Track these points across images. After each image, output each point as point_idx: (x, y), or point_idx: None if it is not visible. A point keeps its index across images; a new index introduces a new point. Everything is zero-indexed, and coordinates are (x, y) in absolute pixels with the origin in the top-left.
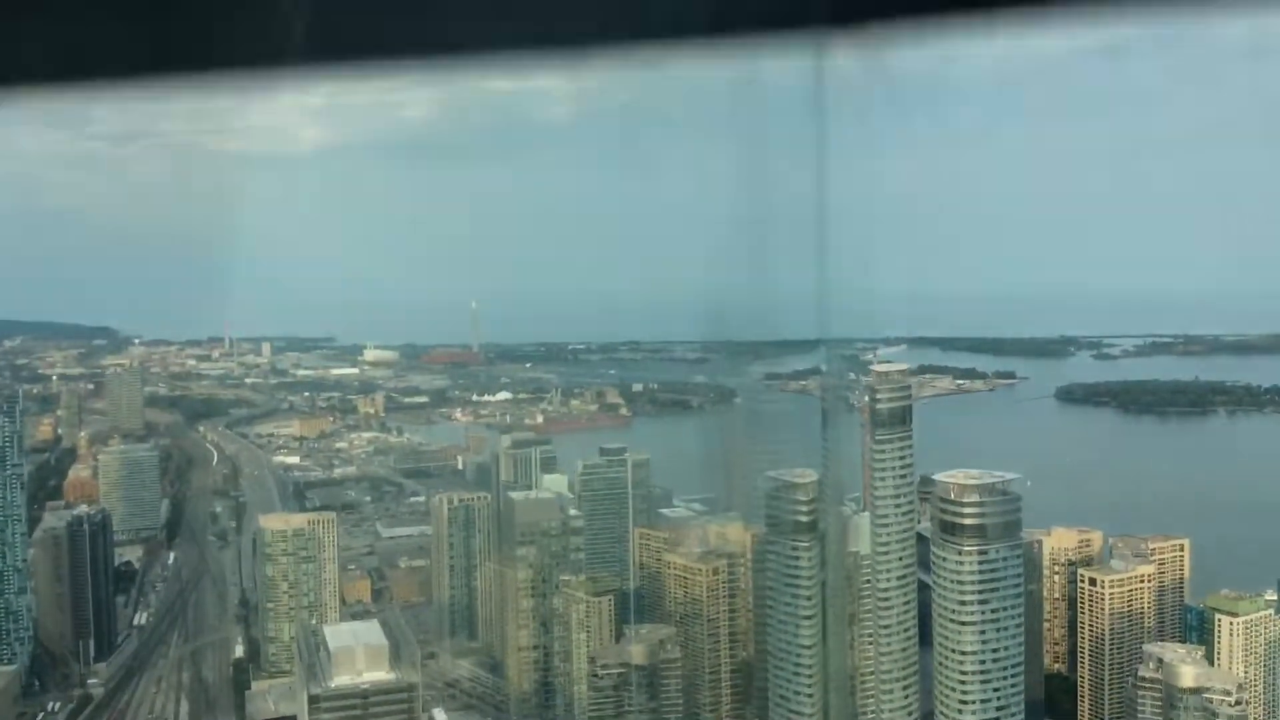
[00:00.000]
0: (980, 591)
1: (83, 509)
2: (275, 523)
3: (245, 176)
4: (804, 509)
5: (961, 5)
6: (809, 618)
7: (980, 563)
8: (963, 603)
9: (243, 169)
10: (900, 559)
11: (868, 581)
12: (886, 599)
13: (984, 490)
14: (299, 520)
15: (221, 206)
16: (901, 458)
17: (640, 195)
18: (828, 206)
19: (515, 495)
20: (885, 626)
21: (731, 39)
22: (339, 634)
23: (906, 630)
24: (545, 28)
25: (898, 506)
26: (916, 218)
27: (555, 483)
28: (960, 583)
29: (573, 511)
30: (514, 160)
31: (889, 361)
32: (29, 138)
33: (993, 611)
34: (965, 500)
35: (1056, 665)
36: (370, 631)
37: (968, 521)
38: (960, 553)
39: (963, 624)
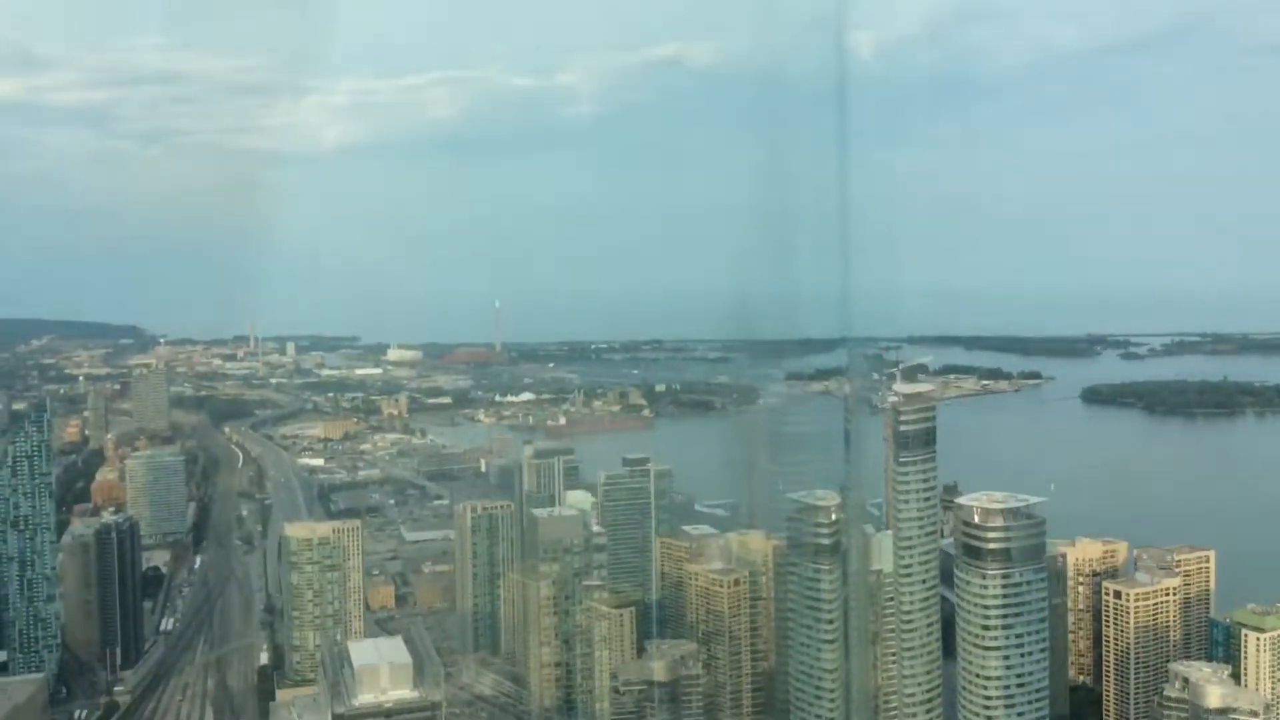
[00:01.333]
0: (1004, 615)
1: (111, 517)
2: (300, 531)
3: (270, 175)
4: (826, 532)
5: None
6: (831, 641)
7: (1004, 587)
8: (986, 627)
9: (267, 168)
10: (924, 581)
11: (890, 600)
12: (910, 621)
13: (1008, 514)
14: (324, 529)
15: (246, 205)
16: (925, 480)
17: (664, 193)
18: (851, 204)
19: (539, 512)
20: (909, 649)
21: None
22: (363, 650)
23: (930, 652)
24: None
25: (921, 528)
26: (941, 215)
27: (578, 499)
28: (985, 607)
29: (596, 528)
30: (537, 158)
31: (914, 367)
32: (57, 137)
33: (1017, 636)
34: (989, 524)
35: (1082, 677)
36: (394, 648)
37: (992, 545)
38: (984, 576)
39: (987, 649)
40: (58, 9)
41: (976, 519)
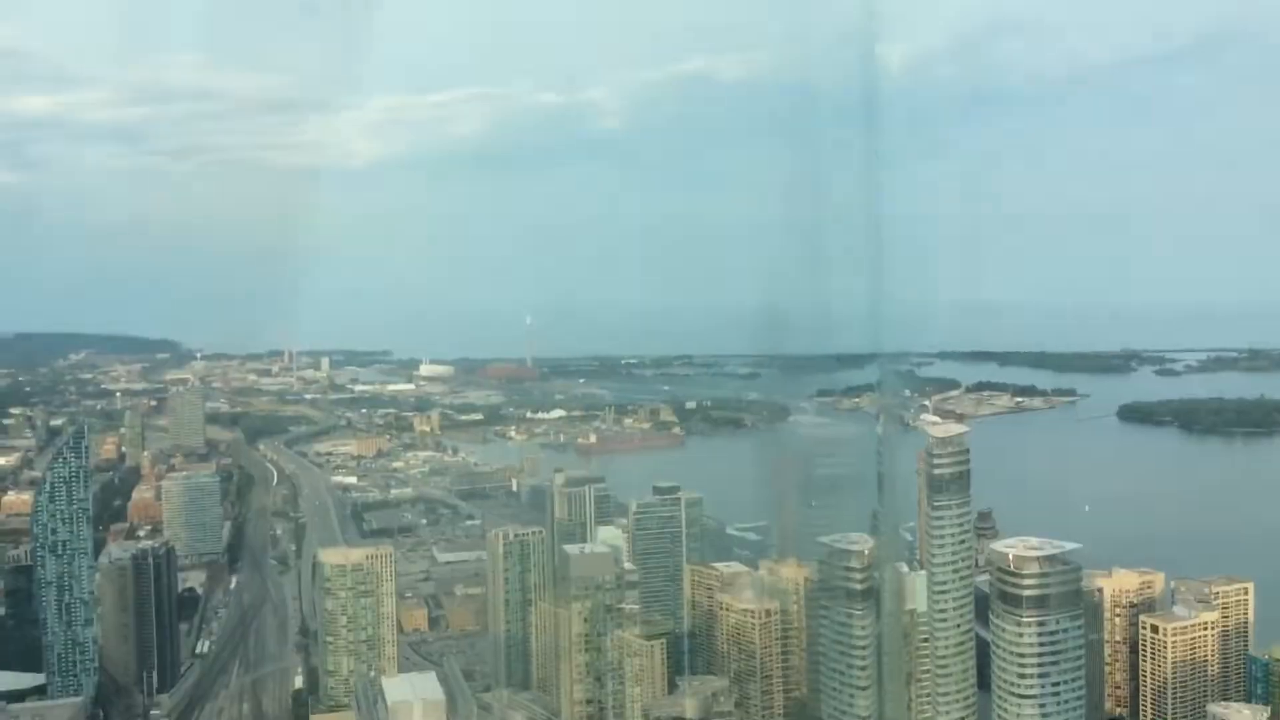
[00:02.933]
0: (1040, 664)
1: (147, 543)
2: (335, 557)
3: (302, 191)
4: (859, 577)
5: None
6: (864, 688)
7: (1040, 635)
8: (1023, 675)
9: (300, 183)
10: (958, 626)
11: (925, 640)
12: (945, 665)
13: (1043, 561)
14: (357, 555)
15: (279, 220)
16: (960, 523)
17: (694, 207)
18: (882, 217)
19: (570, 549)
20: (944, 694)
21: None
22: (397, 686)
23: (966, 697)
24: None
25: (955, 571)
26: (973, 228)
27: (610, 535)
28: (1020, 655)
29: (628, 565)
30: (567, 173)
31: (946, 383)
32: (92, 153)
33: (1053, 684)
34: (1024, 571)
35: (1119, 709)
36: (428, 684)
37: (1027, 593)
38: (1020, 624)
39: (1023, 697)
40: (92, 27)
41: (1011, 565)
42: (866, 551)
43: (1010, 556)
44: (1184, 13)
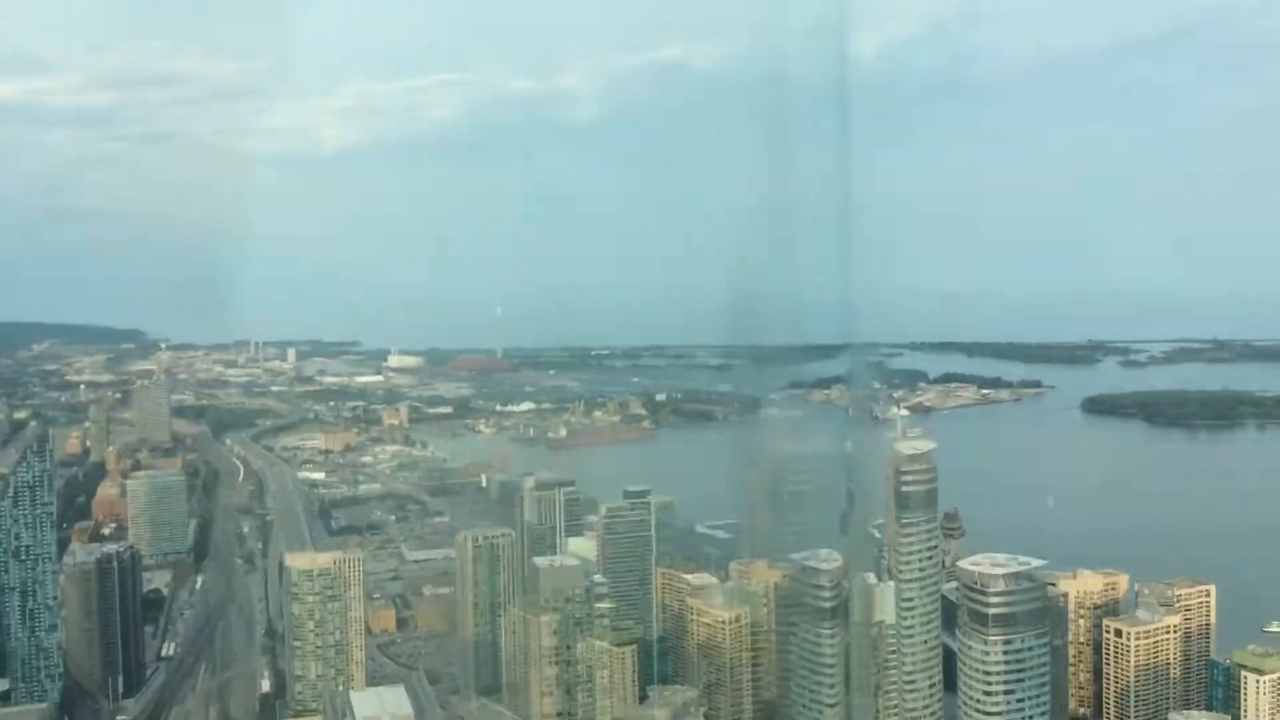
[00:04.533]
0: (1006, 681)
1: (112, 547)
2: (302, 561)
3: (271, 177)
4: (828, 595)
5: None
6: (832, 705)
7: (1006, 653)
8: (988, 692)
9: (268, 170)
10: (925, 642)
11: (893, 651)
12: (912, 680)
13: (1009, 579)
14: (325, 559)
15: (247, 207)
16: (928, 540)
17: (666, 195)
18: (854, 206)
19: (540, 561)
20: (911, 710)
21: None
22: (365, 701)
23: (932, 712)
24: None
25: (923, 588)
26: (943, 217)
27: (580, 547)
28: (986, 673)
29: (597, 578)
30: (539, 160)
31: (914, 375)
32: (58, 139)
33: (1018, 700)
34: (991, 589)
35: (1082, 709)
36: (397, 699)
37: (993, 610)
38: (986, 642)
39: (988, 714)
40: (59, 12)
41: (978, 583)
42: (836, 569)
43: (977, 574)
44: (1153, 2)
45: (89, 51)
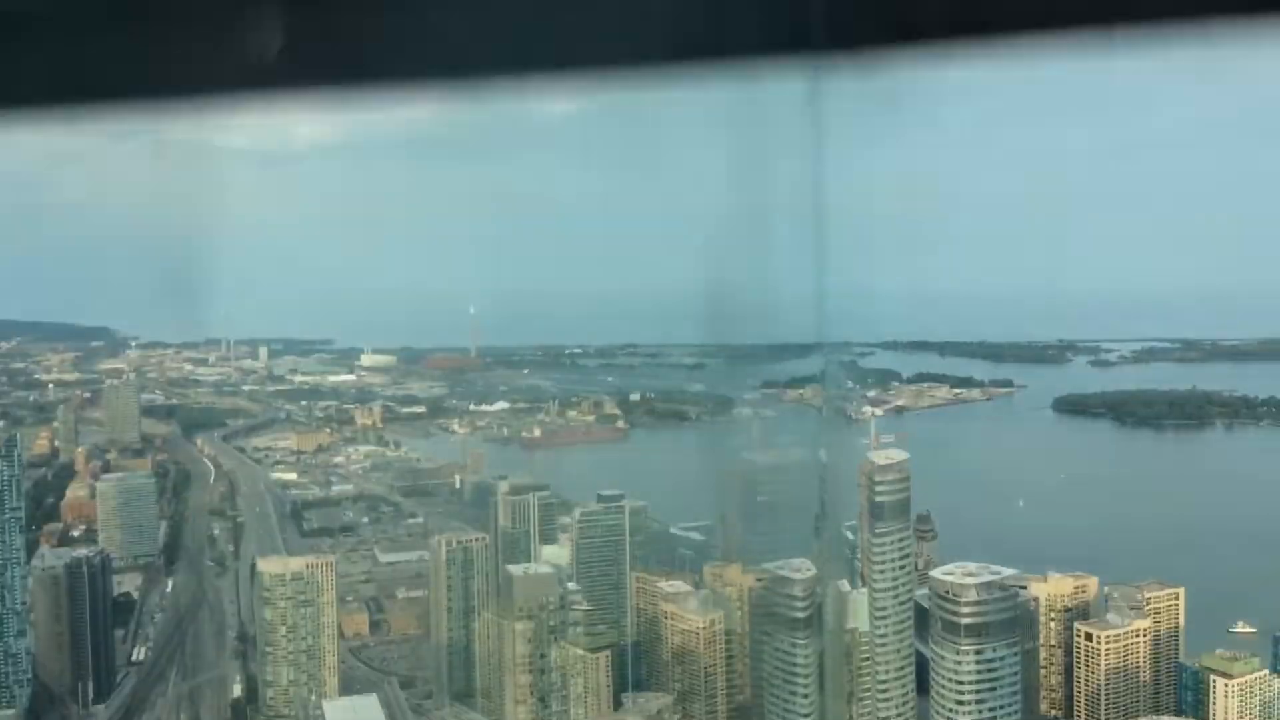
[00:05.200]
0: (978, 692)
1: (82, 552)
2: (273, 566)
3: (242, 173)
4: (800, 605)
5: (960, 31)
6: (806, 716)
7: (978, 663)
8: (960, 703)
9: (239, 165)
10: (898, 651)
11: (866, 659)
12: (885, 690)
13: (981, 589)
14: (297, 564)
15: (218, 203)
16: (901, 550)
17: (638, 193)
18: (825, 205)
19: (514, 569)
20: (884, 717)
21: (725, 62)
22: (338, 710)
23: None
24: (541, 51)
25: (896, 598)
26: (917, 216)
27: (554, 554)
28: (959, 683)
29: (572, 585)
30: (510, 158)
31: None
32: (24, 132)
33: (990, 710)
34: (963, 599)
35: (1054, 711)
36: (370, 709)
37: (965, 620)
38: (958, 652)
39: None
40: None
41: (950, 593)
42: (809, 578)
43: (949, 583)
44: None
45: None
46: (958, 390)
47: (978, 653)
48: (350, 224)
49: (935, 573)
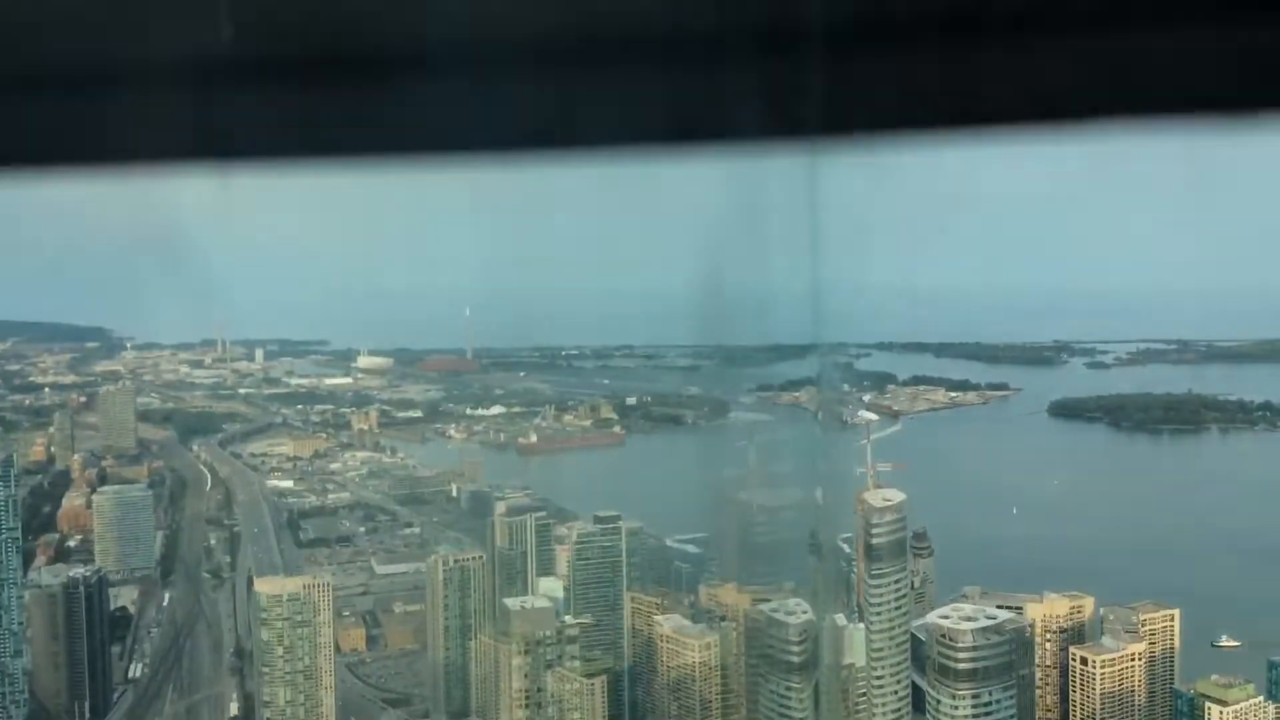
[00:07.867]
0: None
1: (79, 570)
2: (270, 586)
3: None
4: (796, 649)
5: (954, 121)
6: None
7: (974, 707)
8: None
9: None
10: (895, 693)
11: (863, 695)
12: None
13: (978, 634)
14: (294, 584)
15: (211, 201)
16: (897, 591)
17: (631, 189)
18: (821, 202)
19: (511, 603)
20: None
21: (723, 144)
22: None
23: None
24: (538, 131)
25: (892, 639)
26: (912, 214)
27: (550, 587)
28: None
29: (568, 618)
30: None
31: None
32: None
33: None
34: (959, 644)
35: None
36: None
37: (962, 666)
38: (955, 696)
39: None
40: None
41: (947, 637)
42: (804, 622)
43: (945, 628)
44: None
45: None
46: (954, 394)
47: (974, 696)
48: (344, 224)
49: (932, 616)
